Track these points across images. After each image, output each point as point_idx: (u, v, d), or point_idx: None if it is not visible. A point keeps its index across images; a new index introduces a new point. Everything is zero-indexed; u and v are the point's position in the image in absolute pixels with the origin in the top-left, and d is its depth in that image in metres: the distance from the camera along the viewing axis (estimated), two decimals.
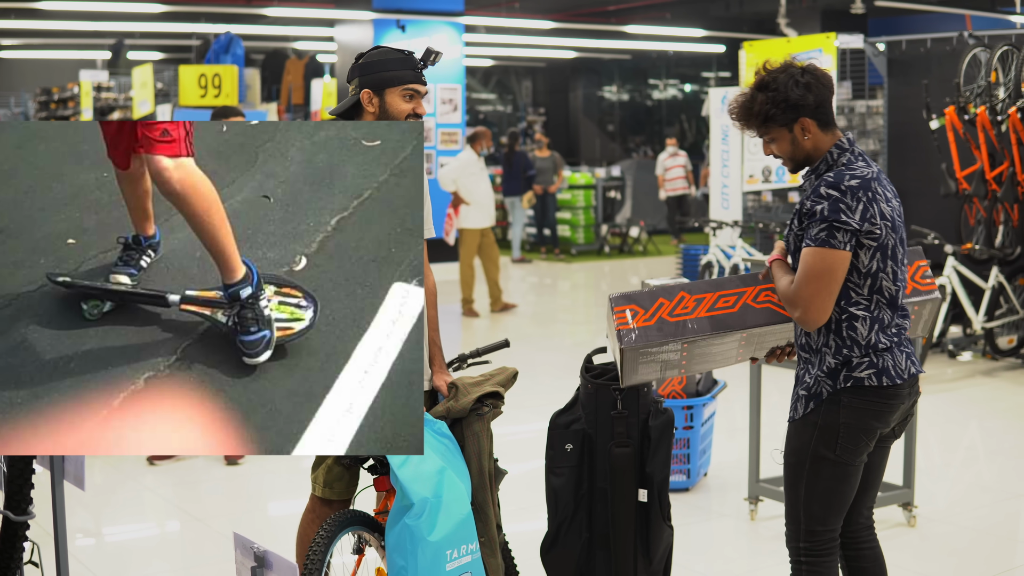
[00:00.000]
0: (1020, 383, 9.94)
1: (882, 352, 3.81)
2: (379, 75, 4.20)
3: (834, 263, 3.74)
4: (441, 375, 4.34)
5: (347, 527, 4.00)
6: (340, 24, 18.09)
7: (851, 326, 3.82)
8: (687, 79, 31.39)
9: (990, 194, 10.93)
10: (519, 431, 8.05)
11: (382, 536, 4.11)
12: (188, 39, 20.91)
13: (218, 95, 14.48)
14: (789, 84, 3.84)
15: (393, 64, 4.21)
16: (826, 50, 11.38)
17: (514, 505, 5.96)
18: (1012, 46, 10.69)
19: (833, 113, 3.94)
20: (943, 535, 6.23)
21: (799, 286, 3.77)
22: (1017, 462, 7.82)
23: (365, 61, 4.25)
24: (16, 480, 3.48)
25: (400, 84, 4.21)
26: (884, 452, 4.09)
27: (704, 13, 21.94)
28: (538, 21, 19.95)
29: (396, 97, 4.21)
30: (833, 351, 3.83)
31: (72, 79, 20.66)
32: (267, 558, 2.89)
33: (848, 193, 3.75)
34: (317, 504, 4.36)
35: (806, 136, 3.87)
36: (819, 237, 3.74)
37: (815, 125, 3.86)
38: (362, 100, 4.23)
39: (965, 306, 10.56)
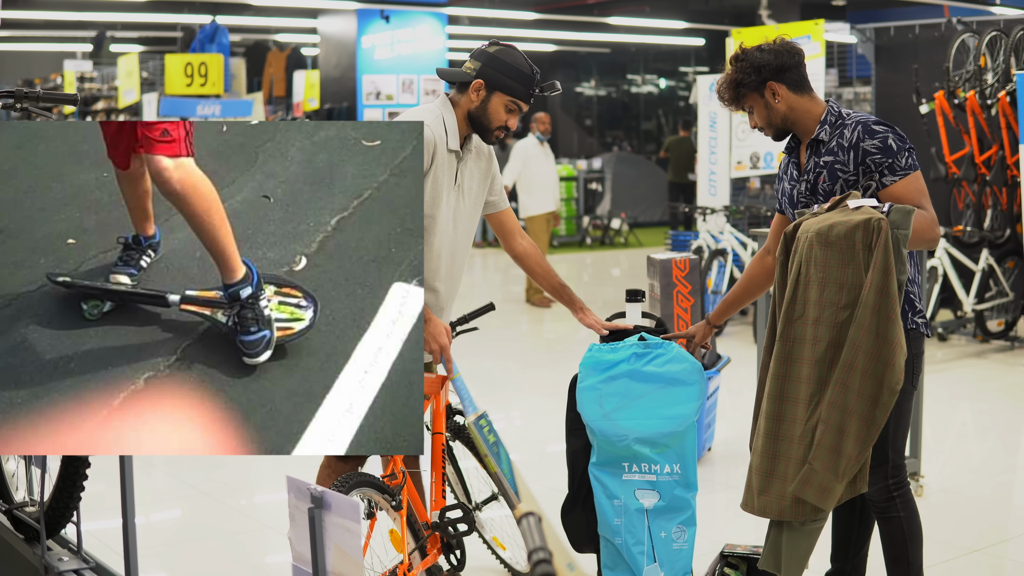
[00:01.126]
0: (1010, 364, 10.03)
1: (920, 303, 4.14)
2: (501, 77, 4.23)
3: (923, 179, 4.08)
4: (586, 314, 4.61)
5: (356, 488, 4.02)
6: (324, 14, 18.06)
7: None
8: (665, 74, 31.44)
9: (979, 178, 11.02)
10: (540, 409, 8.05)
11: (392, 498, 4.15)
12: (171, 30, 20.83)
13: (204, 84, 14.45)
14: (753, 52, 4.14)
15: (518, 76, 4.24)
16: (814, 37, 11.41)
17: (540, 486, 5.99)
18: (1000, 31, 10.78)
19: (807, 79, 4.21)
20: (946, 505, 6.29)
21: (929, 205, 4.01)
22: (1009, 438, 7.91)
23: (497, 55, 4.27)
24: None
25: (511, 95, 4.25)
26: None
27: (685, 5, 22.00)
28: (521, 12, 19.95)
29: (501, 104, 4.26)
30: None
31: (55, 70, 20.54)
32: (325, 498, 2.90)
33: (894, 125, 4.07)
34: (333, 461, 4.37)
35: (777, 99, 4.14)
36: (910, 163, 4.03)
37: (784, 88, 4.13)
38: (471, 86, 4.26)
39: (956, 288, 10.65)
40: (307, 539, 2.97)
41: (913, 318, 4.09)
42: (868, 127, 4.04)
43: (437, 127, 4.24)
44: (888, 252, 3.70)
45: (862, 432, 3.75)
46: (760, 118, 4.21)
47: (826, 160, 4.11)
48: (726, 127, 12.51)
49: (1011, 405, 8.81)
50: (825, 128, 4.13)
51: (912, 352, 4.01)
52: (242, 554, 5.64)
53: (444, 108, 4.31)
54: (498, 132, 4.31)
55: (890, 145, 4.00)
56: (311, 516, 2.93)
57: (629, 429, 4.34)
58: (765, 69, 4.10)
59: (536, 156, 13.49)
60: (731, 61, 4.21)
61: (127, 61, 15.22)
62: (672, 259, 6.27)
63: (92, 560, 3.64)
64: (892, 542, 4.16)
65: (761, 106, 4.17)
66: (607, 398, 4.38)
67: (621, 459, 4.39)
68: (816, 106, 4.16)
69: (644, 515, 4.40)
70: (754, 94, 4.16)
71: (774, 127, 4.20)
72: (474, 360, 10.20)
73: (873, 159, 4.00)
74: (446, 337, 4.26)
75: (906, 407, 4.09)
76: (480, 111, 4.27)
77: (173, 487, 6.76)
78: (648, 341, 4.47)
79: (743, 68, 4.13)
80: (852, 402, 3.75)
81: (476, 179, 4.47)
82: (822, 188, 4.12)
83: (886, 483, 4.09)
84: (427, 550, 4.38)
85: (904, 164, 4.00)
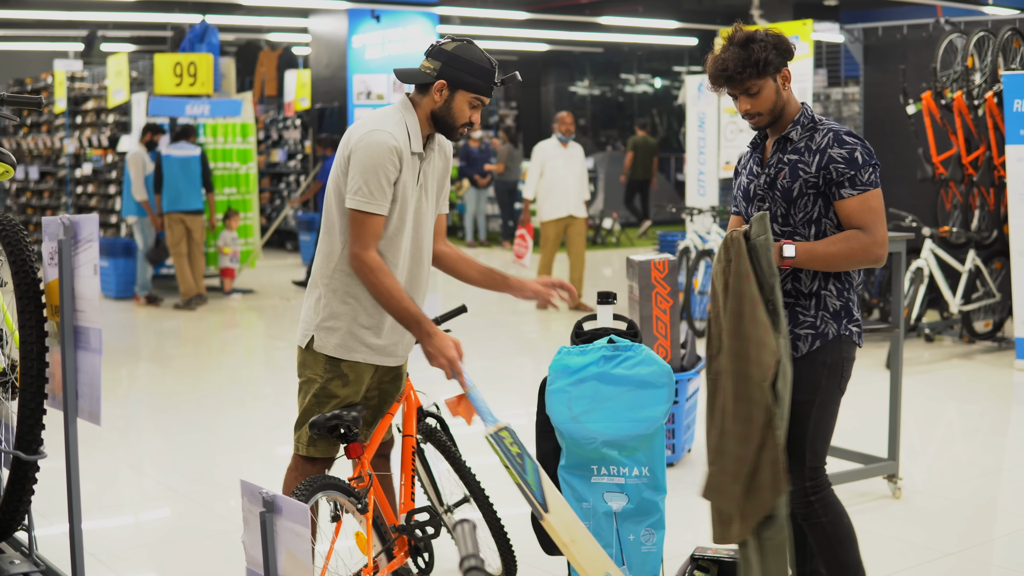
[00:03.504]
0: (997, 365, 10.01)
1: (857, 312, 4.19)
2: (463, 75, 4.19)
3: (882, 199, 4.08)
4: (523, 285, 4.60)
5: (321, 490, 3.99)
6: (315, 14, 18.05)
7: (847, 271, 4.15)
8: (658, 74, 31.43)
9: (966, 178, 11.00)
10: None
11: (358, 501, 4.12)
12: (162, 29, 20.80)
13: (193, 83, 14.39)
14: (768, 36, 4.12)
15: (479, 72, 4.20)
16: (803, 37, 11.40)
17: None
18: (988, 32, 10.77)
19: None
20: (927, 507, 6.28)
21: (876, 227, 4.02)
22: (995, 440, 7.89)
23: (455, 53, 4.21)
24: (28, 419, 3.45)
25: (475, 92, 4.22)
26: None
27: (677, 5, 21.98)
28: (512, 12, 19.92)
29: (464, 102, 4.23)
30: (836, 294, 4.12)
31: (45, 70, 20.50)
32: (276, 503, 2.88)
33: (864, 140, 4.08)
34: (300, 462, 4.34)
35: (785, 87, 4.14)
36: (872, 180, 4.04)
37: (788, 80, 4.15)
38: (434, 87, 4.21)
39: (942, 289, 10.63)
40: (259, 543, 2.95)
41: (848, 325, 4.14)
42: (839, 136, 4.07)
43: (400, 133, 4.18)
44: (743, 259, 3.90)
45: (739, 430, 3.90)
46: (765, 102, 4.13)
47: (791, 158, 4.12)
48: (714, 127, 12.51)
49: (997, 406, 8.79)
50: (797, 128, 4.14)
51: (840, 356, 4.11)
52: (230, 555, 5.61)
53: (405, 111, 4.26)
54: (463, 129, 4.28)
55: (856, 158, 4.02)
56: (262, 520, 2.91)
57: (597, 432, 4.32)
58: (788, 53, 4.11)
59: (554, 158, 12.75)
60: (746, 41, 4.09)
61: (116, 61, 15.16)
62: (651, 260, 6.24)
63: (43, 563, 3.61)
64: (819, 547, 4.16)
65: (772, 90, 4.12)
66: (576, 401, 4.36)
67: (590, 462, 4.37)
68: (793, 104, 4.17)
69: (613, 518, 4.38)
70: (769, 78, 4.11)
71: (774, 114, 4.15)
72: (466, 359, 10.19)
73: (837, 167, 4.02)
74: (454, 350, 4.20)
75: (829, 410, 4.13)
76: (444, 111, 4.22)
77: (161, 491, 6.75)
78: (617, 344, 4.44)
79: (765, 48, 4.06)
80: (728, 402, 3.93)
81: (436, 177, 4.43)
82: (781, 184, 4.13)
83: (803, 485, 4.11)
84: (394, 553, 4.36)
85: (866, 180, 4.02)
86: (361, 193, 4.09)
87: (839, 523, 4.13)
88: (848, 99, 13.23)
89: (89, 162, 16.23)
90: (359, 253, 4.14)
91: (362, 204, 4.10)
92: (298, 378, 4.36)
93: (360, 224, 4.13)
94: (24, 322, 3.43)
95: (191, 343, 12.01)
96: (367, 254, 4.13)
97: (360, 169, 4.10)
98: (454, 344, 4.20)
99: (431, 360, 4.20)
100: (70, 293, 3.32)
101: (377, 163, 4.09)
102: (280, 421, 8.28)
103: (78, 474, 3.25)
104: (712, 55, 4.20)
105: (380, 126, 4.17)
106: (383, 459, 4.64)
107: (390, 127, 4.17)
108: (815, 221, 4.09)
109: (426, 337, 4.17)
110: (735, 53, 4.09)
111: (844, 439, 7.00)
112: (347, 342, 4.24)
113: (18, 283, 3.48)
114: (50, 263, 3.43)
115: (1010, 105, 9.73)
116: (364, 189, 4.09)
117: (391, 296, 4.13)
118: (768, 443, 3.87)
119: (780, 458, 3.88)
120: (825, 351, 4.10)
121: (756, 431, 3.87)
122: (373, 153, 4.09)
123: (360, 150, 4.12)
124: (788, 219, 4.13)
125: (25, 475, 3.52)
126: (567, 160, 12.77)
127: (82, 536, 3.29)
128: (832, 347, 4.10)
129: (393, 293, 4.13)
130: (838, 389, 4.14)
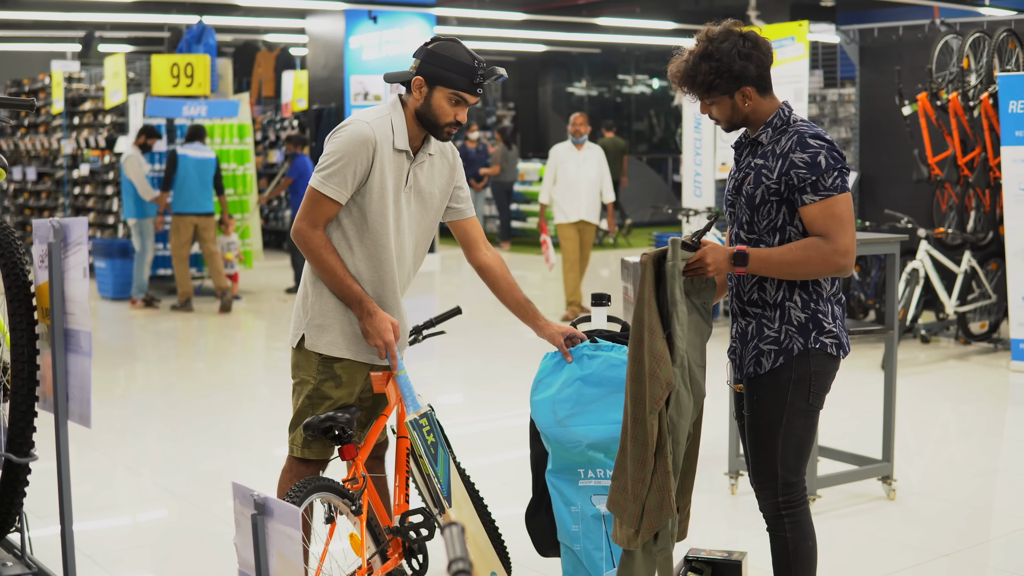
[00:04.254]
0: (992, 367, 10.01)
1: (839, 321, 4.00)
2: (438, 70, 4.18)
3: (851, 204, 3.90)
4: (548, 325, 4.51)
5: (315, 492, 4.01)
6: (312, 15, 18.04)
7: (816, 281, 3.97)
8: (655, 75, 31.42)
9: (962, 180, 11.01)
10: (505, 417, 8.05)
11: (352, 503, 4.13)
12: (159, 30, 20.79)
13: (190, 84, 14.40)
14: (732, 54, 3.92)
15: (457, 68, 4.18)
16: (798, 38, 11.40)
17: (514, 489, 5.99)
18: (984, 33, 10.78)
19: (771, 79, 4.06)
20: (921, 509, 6.28)
21: (839, 235, 3.84)
22: (990, 441, 7.89)
23: (434, 49, 4.22)
24: (19, 421, 3.45)
25: (452, 88, 4.20)
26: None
27: (674, 6, 21.98)
28: (510, 13, 19.92)
29: (444, 98, 4.21)
30: (800, 306, 3.96)
31: (43, 71, 20.50)
32: (267, 505, 2.88)
33: (833, 142, 3.91)
34: (295, 464, 4.35)
35: (746, 102, 3.99)
36: (835, 185, 3.86)
37: (755, 92, 3.98)
38: (413, 84, 4.23)
39: (938, 290, 10.63)
40: (251, 545, 2.95)
41: (818, 337, 3.95)
42: (803, 139, 3.89)
43: (381, 127, 4.20)
44: (646, 285, 3.84)
45: (636, 452, 3.83)
46: (722, 115, 4.05)
47: (757, 163, 3.98)
48: (710, 129, 12.50)
49: (993, 407, 8.80)
50: (767, 131, 4.00)
51: (807, 371, 3.95)
52: (226, 556, 5.60)
53: (393, 110, 4.28)
54: (448, 128, 4.26)
55: (819, 162, 3.84)
56: (254, 522, 2.92)
57: (582, 435, 4.32)
58: (744, 78, 3.94)
59: (565, 161, 12.43)
60: (701, 57, 3.95)
61: (114, 62, 15.16)
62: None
63: (35, 565, 3.61)
64: (777, 562, 4.09)
65: (727, 106, 4.01)
66: (560, 404, 4.36)
67: (576, 465, 4.38)
68: (766, 107, 4.02)
69: (601, 521, 4.38)
70: (724, 96, 3.99)
71: (732, 124, 4.07)
72: (461, 360, 10.20)
73: (798, 173, 3.86)
74: (391, 333, 4.21)
75: (799, 424, 4.00)
76: (425, 108, 4.23)
77: (156, 492, 6.75)
78: (599, 344, 4.44)
79: (717, 71, 3.92)
80: (628, 423, 3.86)
81: (438, 184, 4.42)
82: (746, 190, 4.00)
83: (776, 500, 4.05)
84: (388, 554, 4.36)
85: (829, 185, 3.84)
86: (323, 174, 4.16)
87: (802, 544, 4.03)
88: (844, 100, 13.22)
89: (86, 163, 16.24)
90: (304, 229, 4.19)
91: (319, 184, 4.16)
92: (292, 379, 4.37)
93: (314, 202, 4.19)
94: (15, 325, 3.44)
95: (187, 344, 12.01)
96: (314, 232, 4.19)
97: (329, 151, 4.19)
98: (393, 327, 4.22)
99: (367, 338, 4.21)
100: (60, 296, 3.32)
101: (347, 150, 4.14)
102: (276, 422, 8.28)
103: (69, 476, 3.26)
104: (678, 53, 4.08)
105: (362, 117, 4.23)
106: (377, 460, 4.64)
107: (371, 119, 4.22)
108: (779, 229, 3.95)
109: (367, 316, 4.19)
110: (689, 64, 4.00)
111: (838, 441, 7.03)
112: (338, 339, 4.25)
113: (9, 286, 3.48)
114: (40, 266, 3.43)
115: (1005, 106, 9.74)
116: (327, 171, 4.15)
117: (334, 274, 4.18)
118: (659, 469, 3.80)
119: (669, 485, 3.81)
120: (789, 367, 3.95)
121: (650, 456, 3.81)
122: (345, 140, 4.16)
123: (335, 135, 4.21)
124: (753, 226, 4.00)
125: (17, 477, 3.52)
126: (580, 163, 12.45)
127: (73, 538, 3.30)
128: (798, 363, 3.95)
129: (336, 271, 4.18)
130: (806, 404, 3.98)
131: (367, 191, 4.19)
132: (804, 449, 4.04)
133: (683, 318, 3.84)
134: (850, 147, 12.92)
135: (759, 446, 4.05)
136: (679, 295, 3.82)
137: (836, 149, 3.91)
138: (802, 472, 4.07)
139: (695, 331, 3.96)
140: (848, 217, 3.87)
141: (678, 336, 3.82)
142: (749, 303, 4.04)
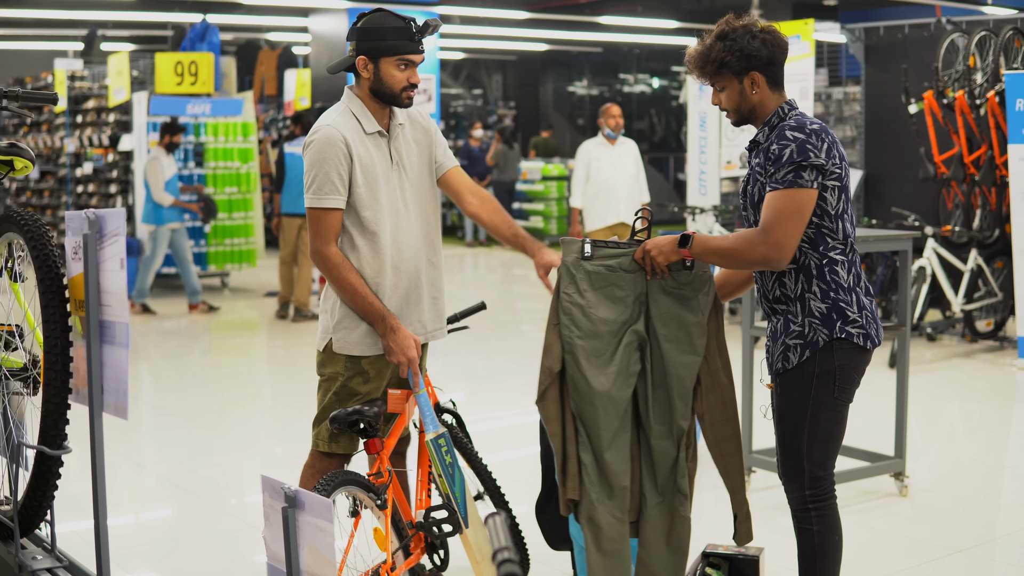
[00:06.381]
0: (998, 364, 10.04)
1: (867, 311, 3.99)
2: (375, 43, 4.19)
3: (803, 202, 3.85)
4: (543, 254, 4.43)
5: (341, 486, 4.02)
6: (315, 13, 18.03)
7: (832, 270, 3.97)
8: (657, 74, 31.43)
9: (968, 178, 11.04)
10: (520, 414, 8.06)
11: (377, 497, 4.14)
12: (162, 28, 20.77)
13: (194, 83, 14.41)
14: (746, 36, 3.97)
15: (390, 33, 4.19)
16: (804, 37, 11.42)
17: (523, 486, 6.00)
18: (990, 31, 10.80)
19: (783, 76, 4.08)
20: (933, 505, 6.30)
21: (771, 227, 3.82)
22: (998, 438, 7.92)
23: (363, 25, 4.22)
24: (52, 414, 3.46)
25: (395, 54, 4.21)
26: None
27: (676, 5, 21.98)
28: (512, 11, 19.92)
29: (391, 67, 4.22)
30: (820, 297, 3.96)
31: (46, 69, 20.49)
32: (299, 498, 2.89)
33: (813, 135, 3.88)
34: (318, 459, 4.36)
35: (754, 90, 4.01)
36: (786, 179, 3.84)
37: (764, 81, 4.00)
38: (358, 66, 4.24)
39: (944, 288, 10.65)
40: (281, 538, 2.96)
41: (843, 327, 3.95)
42: (782, 132, 3.90)
43: (344, 121, 4.23)
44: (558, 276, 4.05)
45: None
46: (729, 102, 4.05)
47: (755, 163, 4.02)
48: (715, 126, 12.52)
49: (999, 405, 8.82)
50: (764, 130, 4.02)
51: (832, 365, 3.96)
52: (233, 553, 5.63)
53: (349, 100, 4.31)
54: (405, 92, 4.26)
55: (783, 155, 3.83)
56: (285, 516, 2.92)
57: None
58: (755, 59, 3.96)
59: (599, 158, 10.98)
60: (717, 36, 3.99)
61: (117, 60, 15.15)
62: None
63: (66, 559, 3.62)
64: (803, 554, 4.10)
65: (736, 92, 4.02)
66: None
67: None
68: (768, 105, 4.03)
69: None
70: (733, 78, 4.00)
71: (740, 114, 4.07)
72: (467, 358, 10.21)
73: (765, 165, 3.91)
74: (414, 349, 4.21)
75: (825, 419, 4.01)
76: (377, 83, 4.24)
77: (162, 487, 6.76)
78: None
79: (730, 49, 3.95)
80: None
81: (416, 151, 4.43)
82: (747, 190, 4.05)
83: (803, 493, 4.06)
84: (411, 549, 4.38)
85: (780, 177, 3.83)
86: (312, 190, 4.19)
87: (829, 537, 4.05)
88: (849, 99, 13.24)
89: (90, 161, 16.22)
90: (320, 249, 4.21)
91: (314, 201, 4.19)
92: (318, 376, 4.38)
93: (317, 220, 4.21)
94: (48, 317, 3.44)
95: (194, 343, 12.01)
96: (328, 249, 4.20)
97: (308, 167, 4.21)
98: (415, 344, 4.23)
99: (390, 355, 4.22)
100: (95, 287, 3.33)
101: (322, 157, 4.17)
102: (278, 420, 8.31)
103: (103, 470, 3.27)
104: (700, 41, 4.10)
105: (323, 122, 4.26)
106: (399, 456, 4.66)
107: (331, 119, 4.25)
108: None
109: (390, 332, 4.20)
110: (703, 46, 4.05)
111: (850, 437, 7.02)
112: (366, 338, 4.26)
113: (41, 278, 3.49)
114: (74, 258, 3.44)
115: (1012, 104, 9.76)
116: (314, 186, 4.18)
117: (355, 292, 4.20)
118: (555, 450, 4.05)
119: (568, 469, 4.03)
120: (813, 361, 3.95)
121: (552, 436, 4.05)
122: (316, 149, 4.19)
123: (307, 149, 4.23)
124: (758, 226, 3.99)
125: (49, 470, 3.53)
126: (616, 160, 10.99)
127: (107, 532, 3.30)
128: (823, 355, 3.95)
129: (357, 288, 4.19)
130: (831, 397, 3.99)
131: (353, 187, 4.22)
132: (831, 443, 4.06)
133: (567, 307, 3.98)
134: (855, 145, 12.94)
135: (785, 440, 4.07)
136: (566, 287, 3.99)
137: (813, 143, 3.86)
138: (830, 466, 4.08)
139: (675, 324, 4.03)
140: (789, 213, 3.82)
141: (563, 325, 3.98)
142: (775, 300, 4.06)
